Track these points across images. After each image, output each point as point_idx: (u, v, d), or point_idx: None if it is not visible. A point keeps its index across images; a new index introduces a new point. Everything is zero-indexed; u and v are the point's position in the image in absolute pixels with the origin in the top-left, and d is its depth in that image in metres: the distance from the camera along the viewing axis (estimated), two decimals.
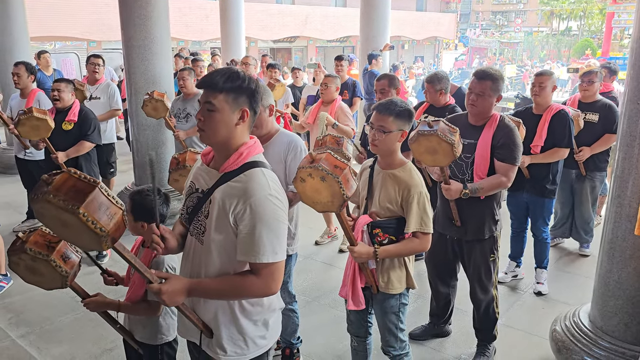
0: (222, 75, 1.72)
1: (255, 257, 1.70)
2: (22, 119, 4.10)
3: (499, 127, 3.07)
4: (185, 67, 5.33)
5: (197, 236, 1.82)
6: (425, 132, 2.71)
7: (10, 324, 3.77)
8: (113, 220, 1.45)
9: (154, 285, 1.66)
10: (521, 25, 48.35)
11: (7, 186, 6.77)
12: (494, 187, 3.06)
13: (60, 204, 1.38)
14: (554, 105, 4.02)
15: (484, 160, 3.07)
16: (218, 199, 1.74)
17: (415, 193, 2.46)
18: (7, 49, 7.67)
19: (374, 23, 9.07)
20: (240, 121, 1.75)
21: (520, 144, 3.09)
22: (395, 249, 2.50)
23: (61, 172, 1.44)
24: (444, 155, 2.76)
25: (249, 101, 1.76)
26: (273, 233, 1.70)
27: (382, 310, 2.66)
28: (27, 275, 1.94)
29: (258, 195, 1.70)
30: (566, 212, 4.99)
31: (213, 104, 1.71)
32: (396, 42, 30.14)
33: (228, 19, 11.58)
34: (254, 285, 1.73)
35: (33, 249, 1.83)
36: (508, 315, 3.89)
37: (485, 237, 3.16)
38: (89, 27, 19.20)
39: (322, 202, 2.16)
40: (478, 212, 3.14)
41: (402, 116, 2.49)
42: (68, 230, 1.46)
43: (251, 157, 1.80)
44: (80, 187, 1.42)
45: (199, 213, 1.81)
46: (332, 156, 2.13)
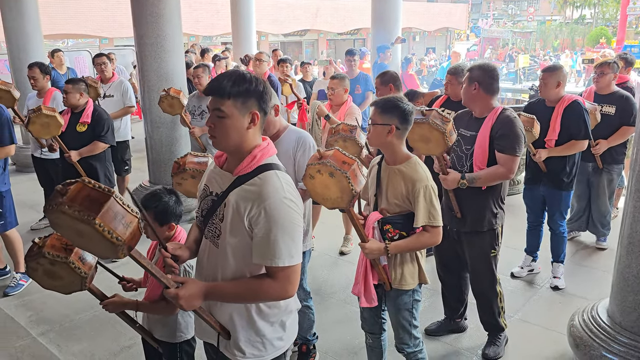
0: (229, 80, 1.70)
1: (271, 261, 1.69)
2: (32, 117, 4.17)
3: (499, 119, 3.08)
4: (199, 64, 5.34)
5: (212, 239, 1.83)
6: (417, 120, 2.75)
7: (31, 322, 3.83)
8: (129, 229, 1.45)
9: (171, 291, 1.66)
10: (534, 14, 47.78)
11: (24, 184, 6.85)
12: (493, 177, 3.05)
13: (76, 214, 1.37)
14: (566, 96, 3.95)
15: (482, 152, 3.08)
16: (232, 202, 1.74)
17: (420, 187, 2.45)
18: (21, 48, 7.76)
19: (386, 15, 9.03)
20: (251, 124, 1.74)
21: (520, 134, 3.07)
22: (405, 243, 2.50)
23: (75, 182, 1.44)
24: (437, 144, 2.80)
25: (258, 103, 1.75)
26: (289, 236, 1.70)
27: (395, 307, 2.66)
28: (45, 281, 1.95)
29: (273, 198, 1.69)
30: (583, 206, 4.94)
31: (222, 110, 1.69)
32: (407, 34, 29.96)
33: (239, 13, 11.59)
34: (270, 289, 1.73)
35: (51, 252, 1.85)
36: (525, 310, 3.87)
37: (484, 230, 3.16)
38: (101, 24, 19.35)
39: (332, 198, 2.17)
40: (477, 204, 3.15)
41: (388, 110, 2.48)
42: (84, 239, 1.46)
43: (265, 159, 1.78)
44: (95, 196, 1.42)
45: (213, 216, 1.81)
46: (340, 152, 2.15)
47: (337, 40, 31.03)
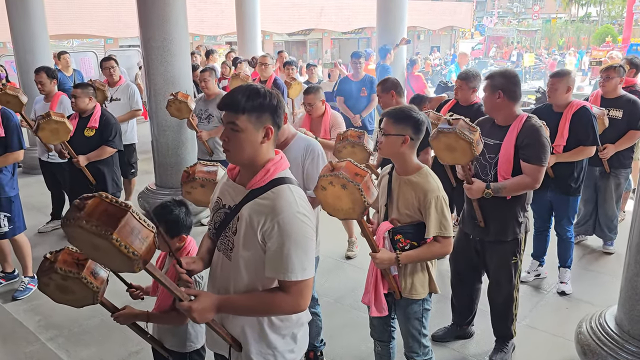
0: (243, 94, 1.72)
1: (284, 275, 1.70)
2: (42, 124, 4.18)
3: (524, 127, 3.04)
4: (206, 68, 5.36)
5: (225, 252, 1.84)
6: (445, 130, 2.75)
7: (39, 327, 3.85)
8: (145, 243, 1.47)
9: (185, 303, 1.68)
10: (539, 12, 47.61)
11: (30, 187, 6.87)
12: (519, 187, 3.03)
13: (93, 229, 1.39)
14: (574, 102, 3.94)
15: (507, 161, 3.05)
16: (246, 215, 1.75)
17: (432, 198, 2.46)
18: (27, 50, 7.78)
19: (391, 14, 9.00)
20: (264, 139, 1.76)
21: (546, 143, 3.05)
22: (416, 254, 2.51)
23: (93, 197, 1.46)
24: (463, 153, 2.78)
25: (272, 118, 1.76)
26: (301, 250, 1.71)
27: (405, 316, 2.67)
28: (57, 295, 1.96)
29: (286, 212, 1.70)
30: (589, 210, 4.92)
31: (237, 124, 1.71)
32: (412, 33, 29.89)
33: (244, 13, 11.60)
34: (283, 303, 1.74)
35: (63, 268, 1.85)
36: (532, 316, 3.86)
37: (508, 239, 3.15)
38: (106, 24, 19.38)
39: (344, 210, 2.18)
40: (502, 214, 3.12)
41: (402, 121, 2.49)
42: (100, 253, 1.48)
43: (278, 173, 1.80)
44: (112, 211, 1.43)
45: (226, 229, 1.82)
46: (352, 164, 2.16)
47: (342, 40, 30.99)
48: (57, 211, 5.77)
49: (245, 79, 6.00)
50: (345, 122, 6.62)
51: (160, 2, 5.24)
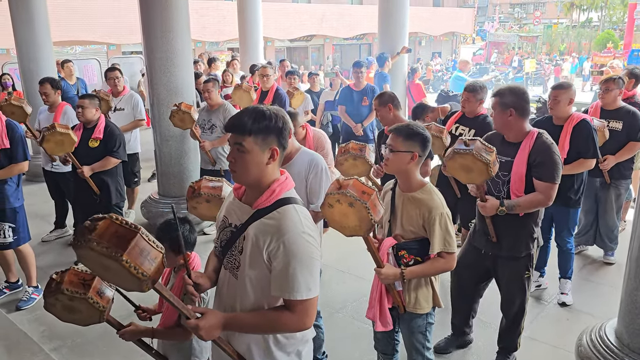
0: (249, 117, 1.76)
1: (289, 294, 1.73)
2: (47, 135, 4.22)
3: (536, 145, 3.05)
4: (209, 79, 5.40)
5: (231, 270, 1.87)
6: (461, 151, 2.77)
7: (43, 337, 3.88)
8: (154, 264, 1.51)
9: (192, 321, 1.71)
10: (540, 17, 47.67)
11: (34, 195, 6.89)
12: (532, 205, 3.04)
13: (104, 251, 1.43)
14: (574, 115, 3.98)
15: (520, 179, 3.05)
16: (252, 235, 1.78)
17: (436, 215, 2.49)
18: (31, 58, 7.83)
19: (393, 20, 9.03)
20: (270, 160, 1.79)
21: (558, 161, 3.04)
22: (421, 269, 2.54)
23: (103, 218, 1.50)
24: (479, 174, 2.81)
25: (278, 139, 1.80)
26: (307, 270, 1.74)
27: (409, 330, 2.70)
28: (64, 315, 1.98)
29: (291, 232, 1.73)
30: (590, 220, 4.94)
31: (243, 145, 1.74)
32: (413, 39, 29.99)
33: (246, 20, 11.66)
34: (288, 321, 1.77)
35: (69, 288, 1.87)
36: (532, 327, 3.88)
37: (522, 255, 3.16)
38: (108, 30, 19.49)
39: (350, 227, 2.22)
40: (515, 230, 3.13)
41: (412, 138, 2.52)
42: (110, 273, 1.52)
43: (283, 193, 1.83)
44: (122, 233, 1.47)
45: (232, 248, 1.86)
46: (359, 182, 2.18)
47: (343, 46, 31.09)
48: (60, 220, 5.80)
49: (248, 89, 6.04)
50: (347, 131, 6.71)
51: (163, 14, 5.29)
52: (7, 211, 4.13)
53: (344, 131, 6.88)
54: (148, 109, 6.31)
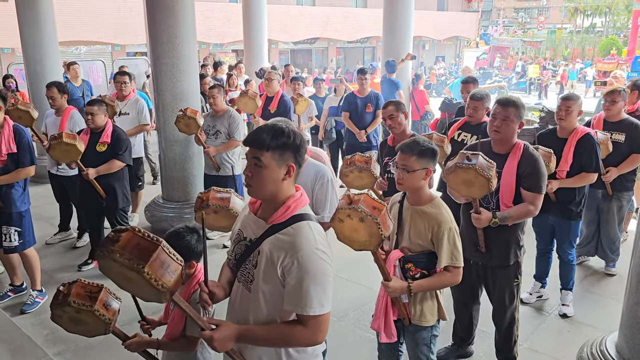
0: (268, 133, 1.79)
1: (302, 309, 1.76)
2: (53, 144, 4.25)
3: (524, 156, 3.13)
4: (215, 85, 5.43)
5: (244, 284, 1.90)
6: (464, 165, 2.80)
7: (47, 341, 3.91)
8: (174, 276, 1.56)
9: (207, 333, 1.75)
10: (544, 22, 47.69)
11: (38, 196, 6.92)
12: (522, 215, 3.12)
13: (126, 262, 1.48)
14: (579, 128, 4.00)
15: (509, 189, 3.12)
16: (266, 250, 1.81)
17: (445, 229, 2.53)
18: (37, 61, 7.88)
19: (397, 24, 9.06)
20: (286, 176, 1.82)
21: (545, 172, 3.16)
22: (428, 283, 2.58)
23: (126, 230, 1.55)
24: (480, 188, 2.85)
25: (294, 156, 1.83)
26: (320, 286, 1.77)
27: (413, 342, 2.74)
28: (70, 326, 2.00)
29: (305, 249, 1.76)
30: (592, 231, 4.96)
31: (261, 160, 1.78)
32: (417, 42, 29.99)
33: (250, 22, 11.70)
34: (301, 336, 1.80)
35: (77, 301, 1.89)
36: (533, 339, 3.90)
37: (511, 263, 3.23)
38: (113, 31, 19.55)
39: (360, 242, 2.24)
40: (504, 239, 3.20)
41: (424, 155, 2.57)
42: (131, 284, 1.57)
43: (298, 209, 1.86)
44: (144, 245, 1.53)
45: (246, 261, 1.89)
46: (369, 197, 2.21)
47: (347, 49, 31.11)
48: (64, 223, 5.84)
49: (253, 97, 6.08)
50: (351, 138, 6.74)
51: (169, 21, 5.33)
52: (13, 215, 4.17)
53: (348, 137, 6.91)
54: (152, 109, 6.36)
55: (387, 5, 9.23)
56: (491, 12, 53.38)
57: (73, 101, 7.67)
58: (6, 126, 4.10)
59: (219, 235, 5.78)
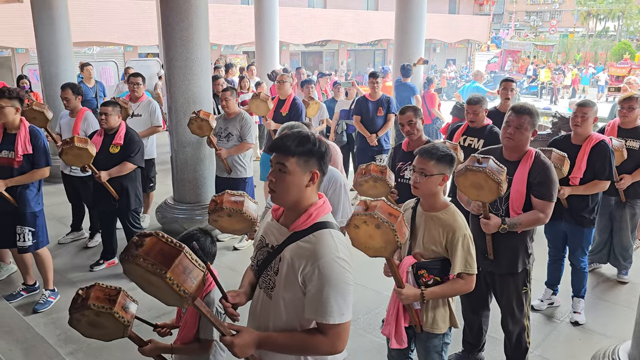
0: (294, 139, 1.81)
1: (322, 318, 1.77)
2: (65, 149, 4.29)
3: (536, 164, 3.11)
4: (227, 87, 5.46)
5: (265, 290, 1.91)
6: (474, 168, 2.78)
7: (60, 341, 3.95)
8: (195, 282, 1.58)
9: (227, 338, 1.76)
10: (556, 26, 47.41)
11: (51, 196, 6.95)
12: (532, 222, 3.10)
13: (150, 267, 1.51)
14: (594, 135, 3.98)
15: (520, 196, 3.10)
16: (288, 257, 1.82)
17: (460, 236, 2.53)
18: (52, 62, 7.94)
19: (409, 27, 9.06)
20: (310, 183, 1.84)
21: (556, 180, 3.13)
22: (441, 290, 2.57)
23: (150, 235, 1.57)
24: (489, 192, 2.82)
25: (319, 163, 1.85)
26: (340, 295, 1.77)
27: (425, 349, 2.73)
28: (88, 330, 2.01)
29: (326, 257, 1.76)
30: (604, 238, 4.92)
31: (286, 166, 1.79)
32: (428, 45, 29.89)
33: (263, 24, 11.75)
34: (321, 344, 1.81)
35: (96, 304, 1.91)
36: (544, 346, 3.88)
37: (519, 271, 3.20)
38: (126, 32, 19.71)
39: (375, 248, 2.23)
40: (512, 246, 3.17)
41: (443, 161, 2.57)
42: (154, 288, 1.59)
43: (320, 217, 1.86)
44: (167, 251, 1.55)
45: (268, 268, 1.90)
46: (386, 204, 2.20)
47: (358, 51, 31.11)
48: (76, 223, 5.89)
49: (265, 99, 6.10)
50: (362, 141, 6.73)
51: (183, 24, 5.37)
52: (27, 215, 4.22)
53: (359, 141, 6.91)
54: (166, 112, 6.39)
55: (399, 8, 9.24)
56: (503, 15, 53.13)
57: (86, 102, 7.74)
58: (22, 127, 4.15)
59: (230, 237, 5.80)
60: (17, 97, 4.14)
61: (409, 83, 8.22)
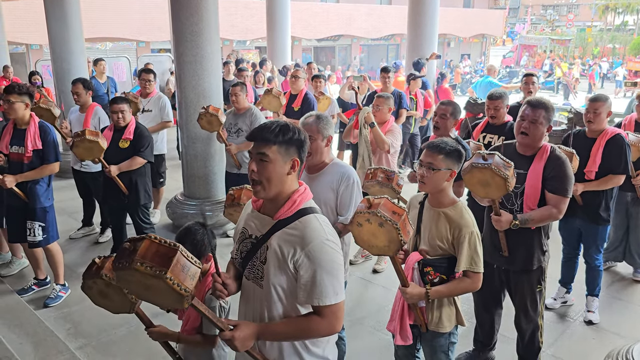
0: (274, 128, 1.83)
1: (317, 300, 1.79)
2: (76, 141, 4.30)
3: (551, 159, 3.04)
4: (237, 83, 5.43)
5: (254, 280, 1.91)
6: (479, 165, 2.74)
7: (69, 335, 3.97)
8: (194, 279, 1.56)
9: (227, 333, 1.76)
10: (573, 20, 46.70)
11: (62, 191, 7.00)
12: (545, 218, 3.03)
13: (148, 270, 1.48)
14: (609, 129, 3.89)
15: (534, 192, 3.04)
16: (275, 245, 1.83)
17: (466, 233, 2.47)
18: (64, 58, 8.00)
19: (422, 22, 8.96)
20: (291, 170, 1.85)
21: (572, 175, 3.06)
22: (446, 289, 2.52)
23: (142, 239, 1.54)
24: (497, 189, 2.78)
25: (299, 151, 1.87)
26: (333, 276, 1.80)
27: (431, 349, 2.68)
28: (98, 299, 2.05)
29: (315, 241, 1.79)
30: (620, 235, 4.83)
31: (267, 154, 1.80)
32: (442, 40, 29.66)
33: (274, 19, 11.72)
34: (318, 326, 1.83)
35: (108, 275, 1.93)
36: (557, 345, 3.81)
37: (534, 268, 3.14)
38: (139, 27, 19.81)
39: (378, 246, 2.20)
40: (526, 243, 3.11)
41: (451, 156, 2.52)
42: (151, 292, 1.56)
43: (304, 203, 1.89)
44: (163, 251, 1.53)
45: (253, 258, 1.90)
46: (389, 202, 2.17)
47: (371, 46, 30.93)
48: (87, 218, 5.93)
49: (277, 95, 6.07)
50: None
51: (193, 19, 5.35)
52: (37, 210, 4.24)
53: None
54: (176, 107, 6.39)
55: (412, 2, 9.13)
56: (519, 9, 52.46)
57: (98, 97, 7.77)
58: (32, 123, 4.17)
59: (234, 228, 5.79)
60: (27, 92, 4.15)
61: (422, 78, 8.14)
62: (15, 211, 4.29)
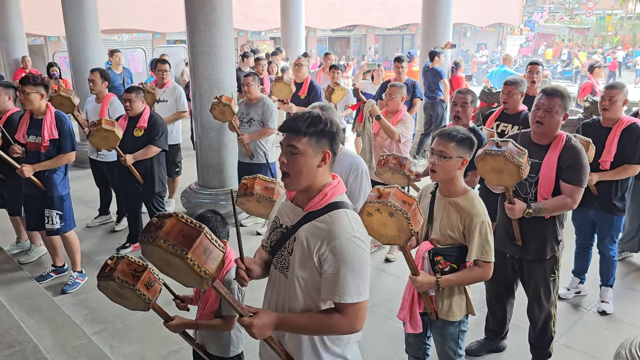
0: (305, 120, 1.80)
1: (339, 298, 1.75)
2: (92, 131, 4.37)
3: (566, 148, 3.00)
4: (249, 73, 5.45)
5: (281, 270, 1.90)
6: (493, 152, 2.73)
7: (86, 321, 4.05)
8: (215, 263, 1.56)
9: (246, 319, 1.75)
10: (593, 8, 45.78)
11: (79, 180, 7.14)
12: (559, 207, 3.01)
13: (170, 249, 1.49)
14: (624, 118, 3.84)
15: (548, 181, 3.01)
16: (302, 237, 1.80)
17: (477, 222, 2.47)
18: (80, 50, 8.09)
19: (437, 11, 8.85)
20: (322, 163, 1.81)
21: (587, 165, 3.02)
22: (456, 278, 2.52)
23: (170, 216, 1.56)
24: (510, 176, 2.77)
25: (330, 144, 1.83)
26: (357, 274, 1.75)
27: (441, 337, 2.69)
28: (114, 297, 2.10)
29: (342, 237, 1.74)
30: (635, 226, 4.78)
31: (297, 147, 1.77)
32: (458, 29, 29.35)
33: (288, 9, 11.68)
34: (339, 324, 1.79)
35: (120, 277, 1.96)
36: (569, 335, 3.80)
37: (547, 257, 3.13)
38: (154, 19, 19.90)
39: (389, 236, 2.20)
40: (540, 232, 3.10)
41: (463, 144, 2.51)
42: (173, 269, 1.58)
43: (335, 197, 1.85)
44: (187, 231, 1.53)
45: (282, 248, 1.88)
46: (400, 191, 2.16)
47: (386, 36, 30.72)
48: (104, 207, 6.02)
49: (288, 82, 6.08)
50: None
51: (207, 9, 5.37)
52: (54, 199, 4.32)
53: None
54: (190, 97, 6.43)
55: None
56: None
57: (114, 88, 7.84)
58: (48, 113, 4.24)
59: (253, 222, 5.83)
60: (42, 83, 4.21)
61: (437, 67, 8.10)
62: (33, 200, 4.37)
